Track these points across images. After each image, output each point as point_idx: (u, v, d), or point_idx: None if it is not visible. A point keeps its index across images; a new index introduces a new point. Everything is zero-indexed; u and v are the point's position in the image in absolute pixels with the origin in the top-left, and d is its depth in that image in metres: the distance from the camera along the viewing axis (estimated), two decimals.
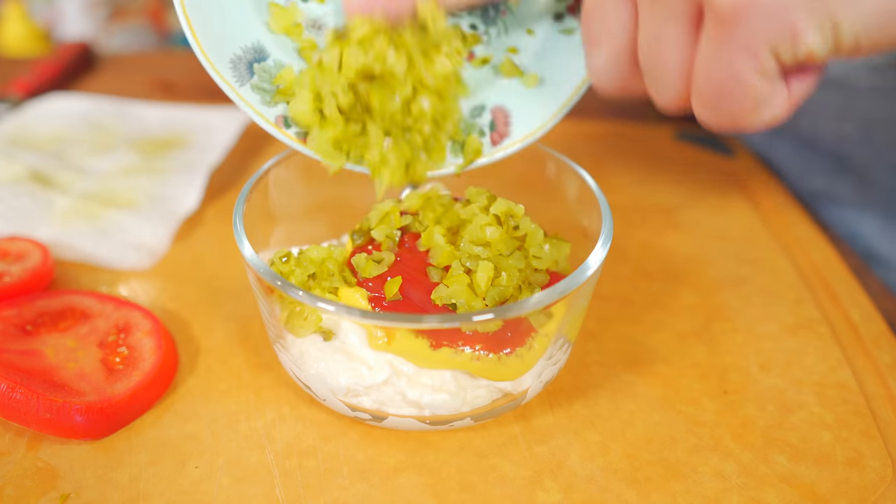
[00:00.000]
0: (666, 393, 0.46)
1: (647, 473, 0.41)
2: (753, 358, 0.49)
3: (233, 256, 0.58)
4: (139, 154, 0.69)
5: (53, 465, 0.41)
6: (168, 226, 0.59)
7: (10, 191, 0.60)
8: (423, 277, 0.41)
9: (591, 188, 0.46)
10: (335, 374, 0.40)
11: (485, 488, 0.40)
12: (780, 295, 0.55)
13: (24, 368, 0.43)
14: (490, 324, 0.38)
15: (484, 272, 0.39)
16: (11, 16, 1.46)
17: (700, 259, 0.59)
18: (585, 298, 0.42)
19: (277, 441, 0.42)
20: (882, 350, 0.50)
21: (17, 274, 0.50)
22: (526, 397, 0.42)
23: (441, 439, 0.43)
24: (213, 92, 0.86)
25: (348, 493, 0.40)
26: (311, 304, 0.37)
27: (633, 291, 0.55)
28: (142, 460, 0.41)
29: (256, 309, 0.52)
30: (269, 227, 0.49)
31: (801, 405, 0.46)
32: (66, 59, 0.89)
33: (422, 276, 0.41)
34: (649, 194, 0.68)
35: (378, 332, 0.39)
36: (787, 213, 0.65)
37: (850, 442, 0.43)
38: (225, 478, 0.40)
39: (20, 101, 0.79)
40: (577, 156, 0.73)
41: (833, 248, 0.60)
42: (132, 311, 0.49)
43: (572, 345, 0.44)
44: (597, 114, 0.84)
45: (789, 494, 0.40)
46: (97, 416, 0.41)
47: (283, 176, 0.49)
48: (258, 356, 0.48)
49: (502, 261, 0.41)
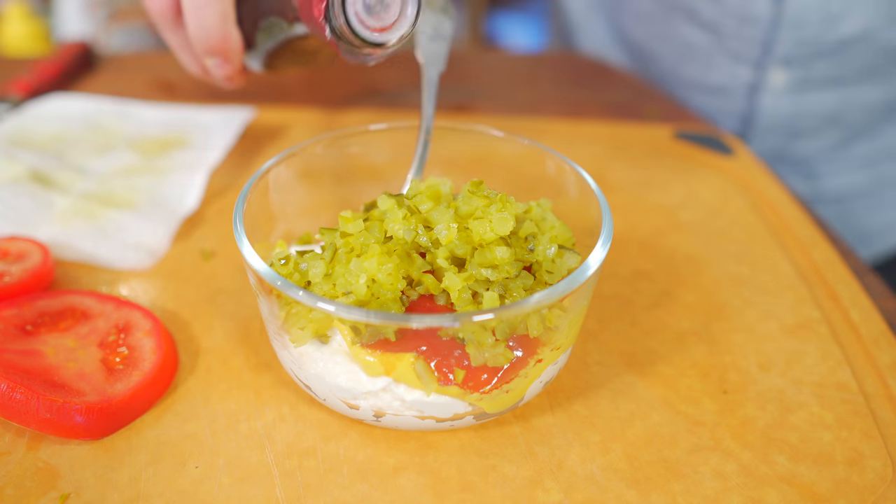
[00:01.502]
0: (666, 393, 0.46)
1: (647, 473, 0.41)
2: (753, 358, 0.49)
3: (233, 256, 0.58)
4: (139, 154, 0.69)
5: (53, 465, 0.41)
6: (168, 226, 0.59)
7: (10, 191, 0.60)
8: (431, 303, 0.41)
9: (591, 188, 0.46)
10: (334, 374, 0.40)
11: (485, 488, 0.40)
12: (780, 295, 0.55)
13: (24, 368, 0.43)
14: (492, 323, 0.38)
15: (489, 304, 0.39)
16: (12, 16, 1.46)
17: (700, 259, 0.59)
18: (585, 298, 0.42)
19: (277, 441, 0.42)
20: (882, 350, 0.50)
21: (17, 274, 0.50)
22: (526, 397, 0.42)
23: (441, 439, 0.43)
24: (213, 92, 0.86)
25: (348, 493, 0.40)
26: (310, 304, 0.37)
27: (633, 291, 0.55)
28: (142, 460, 0.41)
29: (256, 309, 0.52)
30: (269, 227, 0.49)
31: (801, 405, 0.46)
32: (66, 59, 0.89)
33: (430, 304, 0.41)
34: (649, 194, 0.68)
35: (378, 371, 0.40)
36: (787, 213, 0.65)
37: (850, 442, 0.43)
38: (225, 478, 0.40)
39: (20, 101, 0.79)
40: (577, 156, 0.73)
41: (833, 248, 0.60)
42: (132, 311, 0.49)
43: (572, 345, 0.44)
44: (597, 114, 0.84)
45: (789, 494, 0.40)
46: (97, 416, 0.41)
47: (283, 176, 0.49)
48: (258, 356, 0.48)
49: (508, 284, 0.40)
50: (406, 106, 0.85)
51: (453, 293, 0.39)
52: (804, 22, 0.83)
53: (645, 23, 0.98)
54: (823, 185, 0.94)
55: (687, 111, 0.86)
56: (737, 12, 0.86)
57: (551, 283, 0.41)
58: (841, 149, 0.92)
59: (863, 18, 0.82)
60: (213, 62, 0.57)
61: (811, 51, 0.85)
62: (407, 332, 0.39)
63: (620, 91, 0.91)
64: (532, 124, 0.80)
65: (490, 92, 0.90)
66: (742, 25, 0.87)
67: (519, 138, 0.51)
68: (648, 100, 0.89)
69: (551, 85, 0.94)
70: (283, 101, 0.84)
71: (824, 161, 0.93)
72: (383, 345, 0.39)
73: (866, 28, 0.83)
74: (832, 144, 0.92)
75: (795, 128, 0.91)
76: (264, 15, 0.54)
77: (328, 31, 0.45)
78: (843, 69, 0.87)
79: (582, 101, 0.89)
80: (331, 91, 0.89)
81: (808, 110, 0.90)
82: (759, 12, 0.85)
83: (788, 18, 0.83)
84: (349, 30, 0.45)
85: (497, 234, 0.40)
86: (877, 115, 0.90)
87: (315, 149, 0.51)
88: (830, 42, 0.84)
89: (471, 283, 0.40)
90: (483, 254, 0.40)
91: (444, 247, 0.40)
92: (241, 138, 0.74)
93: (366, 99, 0.87)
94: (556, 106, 0.86)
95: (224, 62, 0.57)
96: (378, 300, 0.40)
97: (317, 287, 0.41)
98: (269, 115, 0.80)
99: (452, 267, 0.40)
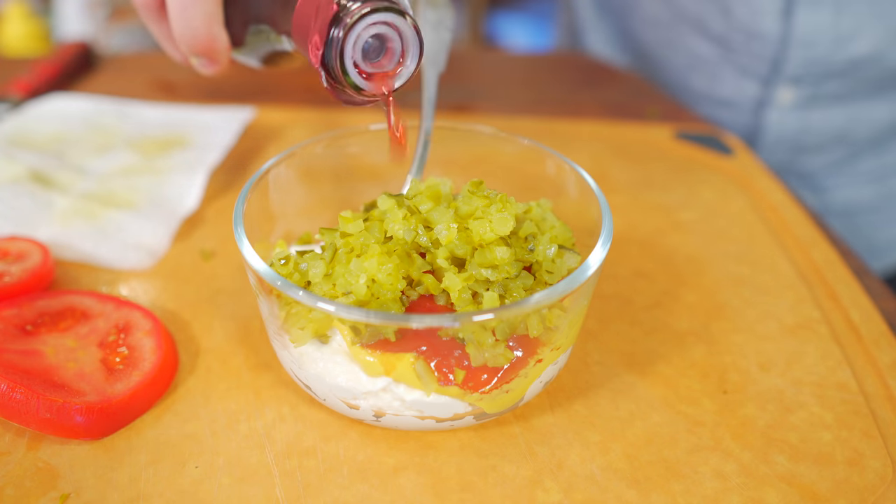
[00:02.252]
0: (666, 393, 0.46)
1: (647, 473, 0.41)
2: (753, 358, 0.49)
3: (233, 256, 0.58)
4: (139, 154, 0.69)
5: (53, 465, 0.41)
6: (168, 226, 0.59)
7: (10, 191, 0.60)
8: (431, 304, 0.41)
9: (591, 188, 0.46)
10: (334, 374, 0.40)
11: (485, 488, 0.40)
12: (780, 295, 0.55)
13: (24, 368, 0.43)
14: (492, 323, 0.38)
15: (489, 304, 0.39)
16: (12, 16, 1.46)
17: (700, 259, 0.59)
18: (585, 298, 0.42)
19: (277, 441, 0.42)
20: (882, 350, 0.50)
21: (17, 274, 0.50)
22: (526, 397, 0.42)
23: (441, 439, 0.43)
24: (213, 92, 0.86)
25: (348, 493, 0.40)
26: (310, 304, 0.37)
27: (633, 291, 0.55)
28: (142, 460, 0.41)
29: (256, 309, 0.52)
30: (269, 227, 0.49)
31: (801, 405, 0.46)
32: (66, 59, 0.89)
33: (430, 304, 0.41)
34: (649, 194, 0.68)
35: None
36: (787, 213, 0.65)
37: (850, 442, 0.43)
38: (225, 478, 0.40)
39: (20, 101, 0.79)
40: (577, 156, 0.73)
41: (833, 248, 0.60)
42: (132, 311, 0.49)
43: (572, 345, 0.44)
44: (597, 114, 0.84)
45: (789, 494, 0.40)
46: (97, 416, 0.41)
47: (283, 176, 0.49)
48: (258, 356, 0.48)
49: (508, 284, 0.40)
50: (406, 106, 0.85)
51: (453, 293, 0.39)
52: (814, 42, 0.82)
53: (653, 28, 0.97)
54: (830, 198, 0.93)
55: (687, 111, 0.86)
56: (745, 28, 0.86)
57: (551, 283, 0.41)
58: (848, 164, 0.92)
59: (873, 39, 0.82)
60: (199, 62, 0.56)
61: (820, 70, 0.84)
62: (407, 333, 0.39)
63: (620, 91, 0.91)
64: (532, 124, 0.80)
65: (490, 92, 0.90)
66: (750, 41, 0.86)
67: (519, 138, 0.51)
68: (648, 100, 0.89)
69: (551, 85, 0.94)
70: (283, 101, 0.84)
71: (831, 175, 0.93)
72: (383, 345, 0.39)
73: (876, 49, 0.82)
74: (839, 159, 0.91)
75: (802, 143, 0.91)
76: (254, 21, 0.50)
77: (324, 79, 0.42)
78: (851, 88, 0.86)
79: (582, 101, 0.89)
80: None
81: (814, 127, 0.89)
82: (768, 29, 0.84)
83: (798, 38, 0.83)
84: (346, 81, 0.42)
85: (497, 235, 0.40)
86: (884, 132, 0.89)
87: (315, 149, 0.51)
88: (840, 62, 0.83)
89: (471, 283, 0.40)
90: (483, 254, 0.40)
91: (444, 247, 0.40)
92: (241, 138, 0.75)
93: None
94: (556, 106, 0.86)
95: (210, 63, 0.55)
96: (378, 300, 0.40)
97: (317, 287, 0.41)
98: (269, 115, 0.80)
99: (452, 267, 0.40)
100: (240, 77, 0.90)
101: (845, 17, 0.81)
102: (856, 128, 0.89)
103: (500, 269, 0.40)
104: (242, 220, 0.43)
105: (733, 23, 0.86)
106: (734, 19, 0.86)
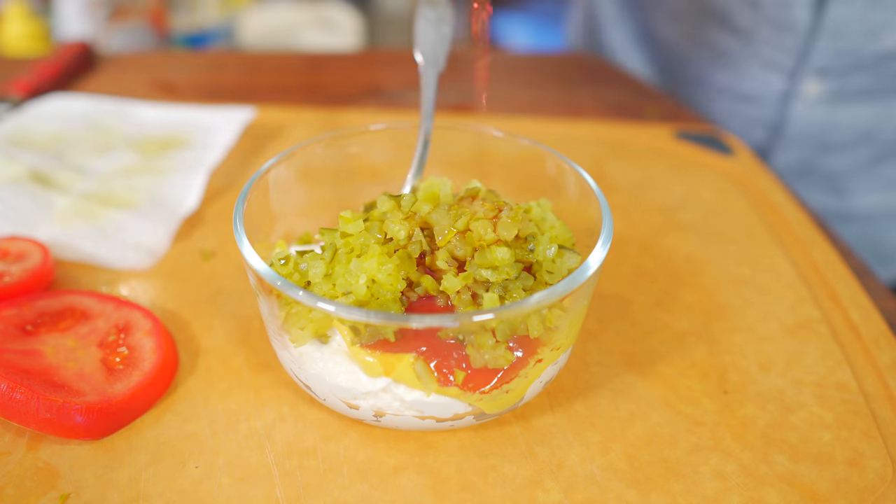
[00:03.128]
0: (666, 393, 0.46)
1: (647, 473, 0.41)
2: (753, 358, 0.49)
3: (233, 256, 0.58)
4: (139, 154, 0.69)
5: (53, 465, 0.41)
6: (168, 226, 0.59)
7: (10, 191, 0.60)
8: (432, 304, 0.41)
9: (591, 188, 0.46)
10: (334, 374, 0.40)
11: (485, 488, 0.40)
12: (780, 295, 0.55)
13: (24, 368, 0.43)
14: (492, 323, 0.38)
15: (489, 304, 0.39)
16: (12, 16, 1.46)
17: (700, 259, 0.59)
18: (585, 298, 0.42)
19: (277, 441, 0.42)
20: (882, 350, 0.50)
21: (17, 274, 0.50)
22: (526, 397, 0.42)
23: (441, 439, 0.43)
24: (213, 92, 0.86)
25: (348, 493, 0.40)
26: (310, 304, 0.37)
27: (633, 291, 0.55)
28: (142, 460, 0.41)
29: (256, 309, 0.52)
30: (269, 227, 0.49)
31: (801, 405, 0.46)
32: (66, 59, 0.89)
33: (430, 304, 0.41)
34: (649, 194, 0.68)
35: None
36: (787, 213, 0.65)
37: (850, 442, 0.43)
38: (225, 478, 0.40)
39: (20, 101, 0.79)
40: (577, 156, 0.73)
41: (833, 248, 0.60)
42: (132, 311, 0.49)
43: (572, 345, 0.44)
44: (597, 114, 0.84)
45: (789, 494, 0.40)
46: (97, 416, 0.41)
47: (283, 176, 0.49)
48: (258, 356, 0.48)
49: (508, 284, 0.40)
50: (406, 106, 0.85)
51: (453, 294, 0.39)
52: (844, 32, 0.82)
53: (676, 23, 0.96)
54: (852, 202, 0.92)
55: (687, 111, 0.86)
56: (775, 19, 0.85)
57: (551, 284, 0.41)
58: (871, 168, 0.91)
59: None
60: None
61: (849, 63, 0.84)
62: (407, 333, 0.39)
63: (620, 91, 0.91)
64: (532, 124, 0.80)
65: (490, 92, 0.90)
66: (778, 33, 0.85)
67: (519, 138, 0.51)
68: (648, 100, 0.89)
69: (551, 85, 0.94)
70: (283, 101, 0.84)
71: (854, 178, 0.92)
72: (383, 345, 0.39)
73: None
74: (862, 162, 0.90)
75: (826, 140, 0.89)
76: None
77: None
78: (879, 83, 0.85)
79: (582, 101, 0.89)
80: (331, 91, 0.89)
81: (840, 123, 0.88)
82: (798, 20, 0.83)
83: (828, 28, 0.82)
84: None
85: (497, 236, 0.40)
86: None
87: (315, 149, 0.51)
88: (869, 55, 0.82)
89: (470, 283, 0.40)
90: (483, 255, 0.40)
91: (444, 248, 0.40)
92: (241, 138, 0.74)
93: (366, 99, 0.87)
94: (556, 106, 0.86)
95: None
96: (378, 300, 0.40)
97: (317, 287, 0.41)
98: (269, 115, 0.80)
99: (452, 268, 0.40)
100: (240, 77, 0.90)
101: (877, 10, 0.80)
102: (882, 127, 0.87)
103: (500, 270, 0.40)
104: (242, 220, 0.43)
105: (762, 14, 0.85)
106: (763, 11, 0.85)
